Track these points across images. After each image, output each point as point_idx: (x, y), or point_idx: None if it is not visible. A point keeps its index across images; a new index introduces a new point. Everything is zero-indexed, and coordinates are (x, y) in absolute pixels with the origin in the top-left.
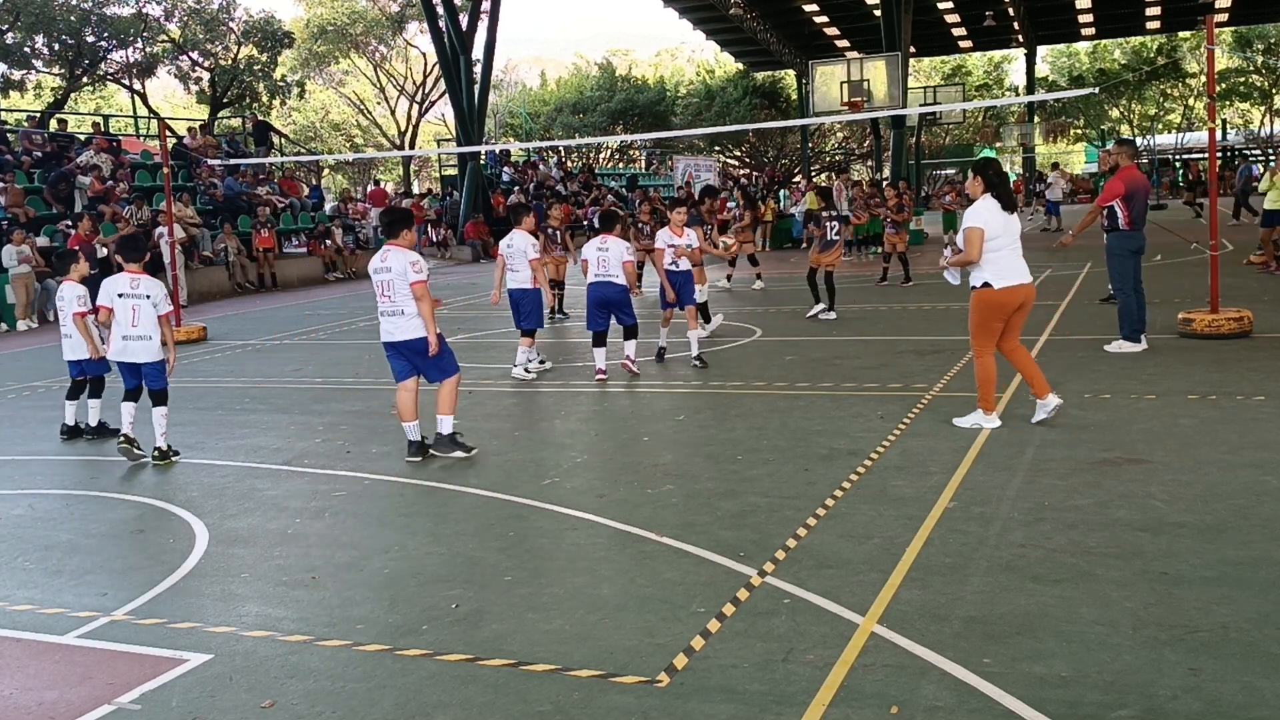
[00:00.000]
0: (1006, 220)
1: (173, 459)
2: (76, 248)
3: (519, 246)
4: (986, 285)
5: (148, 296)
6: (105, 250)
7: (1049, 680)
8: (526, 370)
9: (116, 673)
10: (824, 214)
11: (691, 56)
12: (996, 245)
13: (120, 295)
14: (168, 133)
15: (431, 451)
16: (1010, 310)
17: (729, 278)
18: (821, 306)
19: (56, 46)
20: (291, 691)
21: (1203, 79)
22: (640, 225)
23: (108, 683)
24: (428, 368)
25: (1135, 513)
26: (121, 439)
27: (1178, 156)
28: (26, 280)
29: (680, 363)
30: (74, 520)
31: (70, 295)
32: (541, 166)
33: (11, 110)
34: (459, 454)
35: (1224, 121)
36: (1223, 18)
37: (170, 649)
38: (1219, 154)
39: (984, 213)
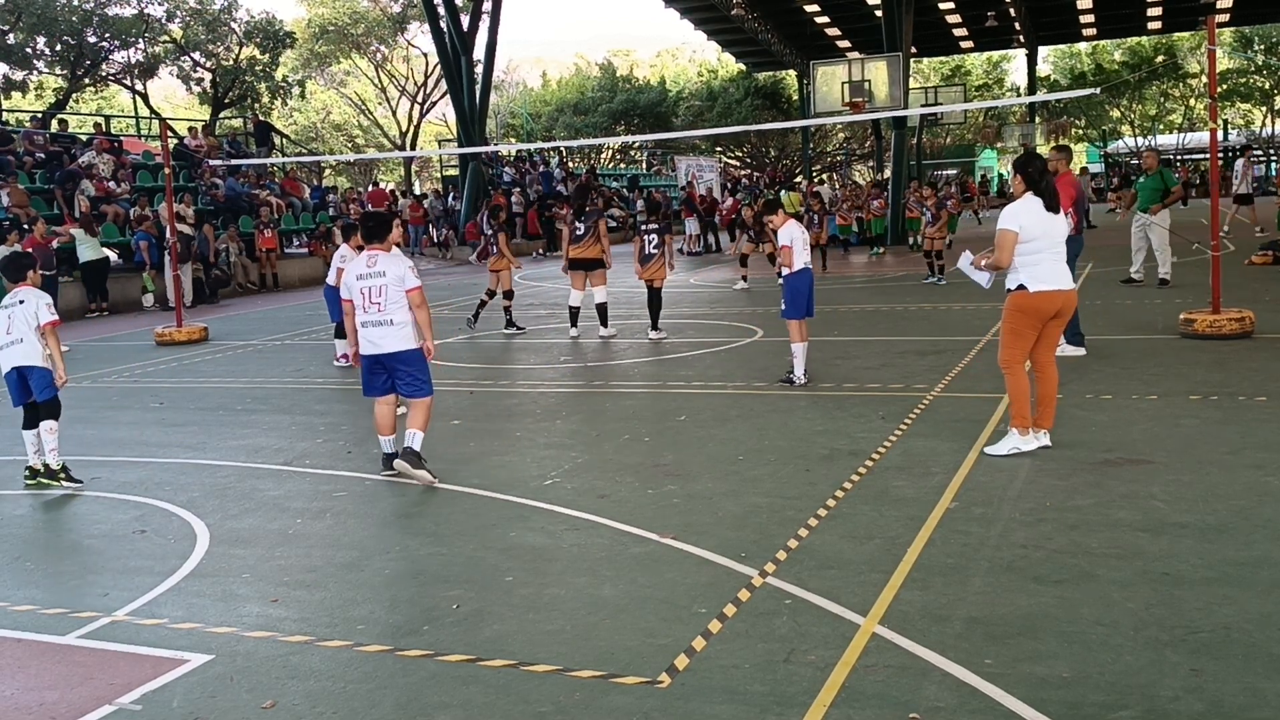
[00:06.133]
0: (1047, 222)
1: (62, 482)
2: (30, 250)
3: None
4: (1021, 288)
5: (21, 302)
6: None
7: (1050, 681)
8: None
9: (117, 673)
10: (643, 224)
11: (693, 57)
12: (1035, 248)
13: (3, 307)
14: (169, 133)
15: (396, 464)
16: (1046, 317)
17: (744, 278)
18: (651, 330)
19: (58, 47)
20: (292, 692)
21: (1204, 79)
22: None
23: (109, 683)
24: (410, 381)
25: (1137, 513)
26: (25, 470)
27: (1179, 157)
28: None
29: (682, 363)
30: (75, 520)
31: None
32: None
33: (14, 111)
34: (425, 475)
35: (1225, 122)
36: (1224, 18)
37: (171, 649)
38: (1220, 154)
39: (1020, 214)
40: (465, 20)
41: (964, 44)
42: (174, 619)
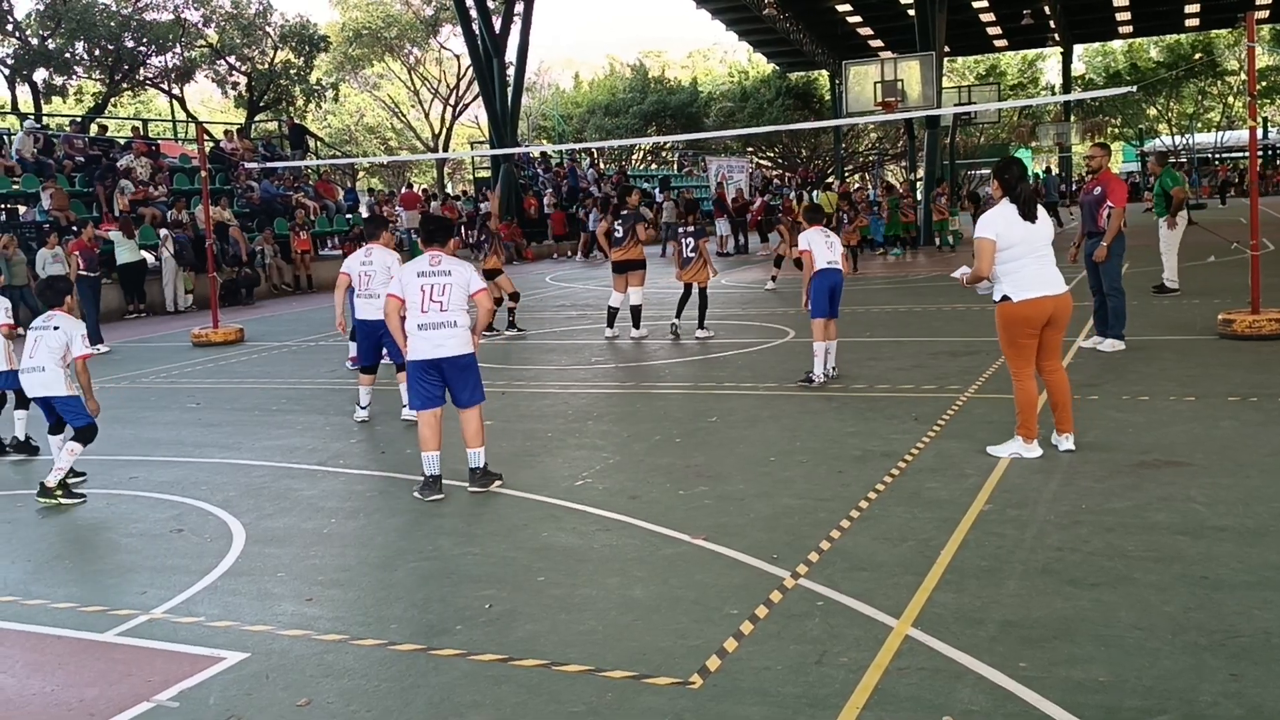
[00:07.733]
0: (1025, 228)
1: (60, 500)
2: (77, 252)
3: (381, 263)
4: (1005, 299)
5: (56, 329)
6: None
7: (1087, 685)
8: (361, 407)
9: (155, 670)
10: (680, 228)
11: (724, 58)
12: (1015, 254)
13: (33, 328)
14: (205, 136)
15: (471, 490)
16: (1038, 324)
17: (774, 278)
18: (698, 329)
19: (97, 52)
20: (327, 690)
21: (1243, 76)
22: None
23: (146, 680)
24: (466, 387)
25: (1174, 516)
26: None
27: (1217, 156)
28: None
29: (714, 364)
30: (113, 520)
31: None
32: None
33: (54, 115)
34: (497, 485)
35: (1265, 120)
36: (1263, 14)
37: (208, 647)
38: (1260, 153)
39: (997, 221)
40: (497, 23)
41: (998, 43)
42: (211, 617)
